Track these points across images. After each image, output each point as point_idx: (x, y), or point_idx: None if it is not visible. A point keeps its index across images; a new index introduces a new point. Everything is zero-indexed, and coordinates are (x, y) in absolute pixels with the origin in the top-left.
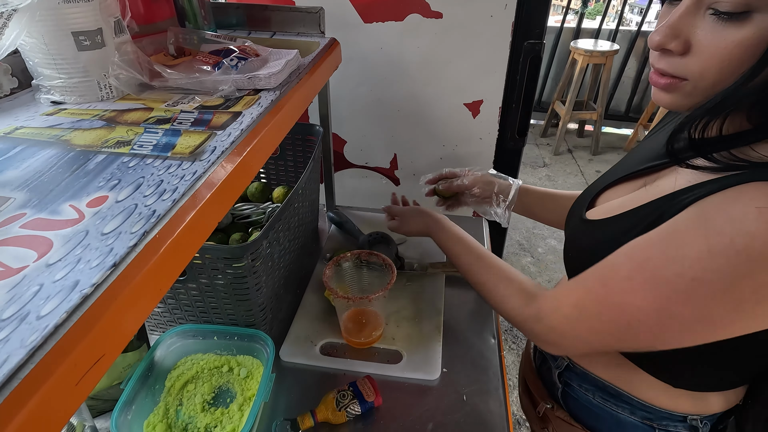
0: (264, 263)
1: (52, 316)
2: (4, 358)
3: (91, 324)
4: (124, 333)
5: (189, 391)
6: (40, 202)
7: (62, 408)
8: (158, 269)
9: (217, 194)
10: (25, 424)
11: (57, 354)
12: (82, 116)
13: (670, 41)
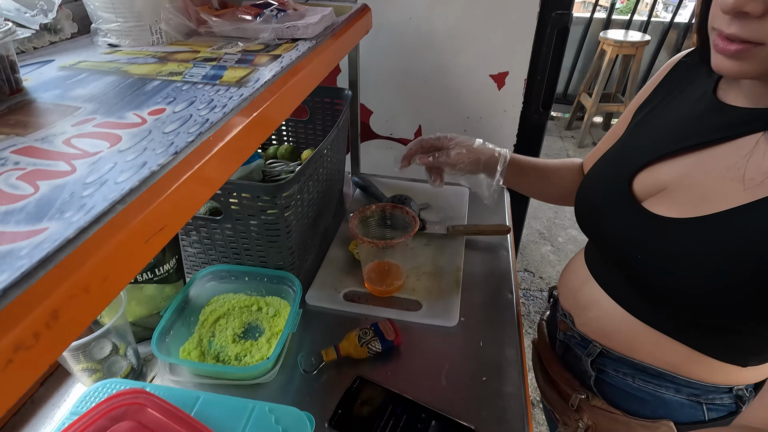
0: (294, 208)
1: (127, 183)
2: (91, 206)
3: (158, 194)
4: (183, 210)
5: (221, 325)
6: (108, 111)
7: (134, 258)
8: (211, 164)
9: (262, 114)
10: (109, 257)
11: (131, 212)
12: (137, 56)
13: (749, 2)
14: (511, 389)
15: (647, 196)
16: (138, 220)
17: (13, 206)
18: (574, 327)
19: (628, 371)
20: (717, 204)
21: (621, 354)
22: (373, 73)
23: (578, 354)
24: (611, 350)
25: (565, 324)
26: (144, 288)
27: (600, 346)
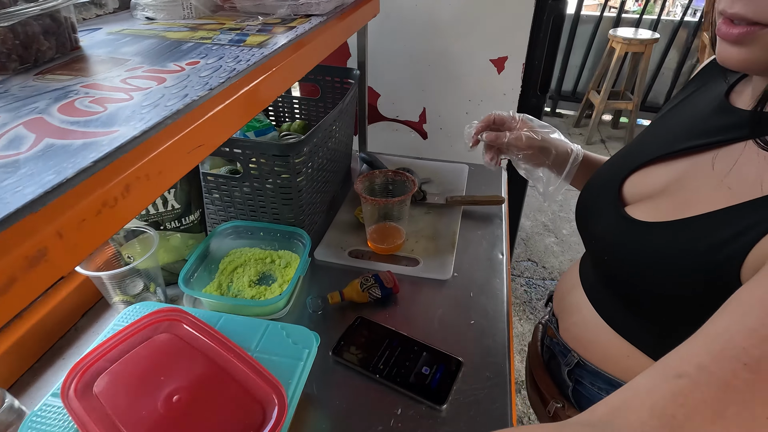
0: (305, 173)
1: (174, 106)
2: (149, 119)
3: (197, 118)
4: (216, 134)
5: (238, 273)
6: (152, 62)
7: (180, 163)
8: (239, 100)
9: (280, 69)
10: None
11: (178, 126)
12: (171, 26)
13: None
14: (496, 331)
15: (636, 199)
16: (183, 134)
17: (91, 117)
18: (558, 333)
19: (602, 386)
20: (694, 210)
21: (596, 367)
22: (381, 57)
23: (559, 362)
24: (587, 362)
25: (551, 329)
26: (171, 238)
27: (577, 356)
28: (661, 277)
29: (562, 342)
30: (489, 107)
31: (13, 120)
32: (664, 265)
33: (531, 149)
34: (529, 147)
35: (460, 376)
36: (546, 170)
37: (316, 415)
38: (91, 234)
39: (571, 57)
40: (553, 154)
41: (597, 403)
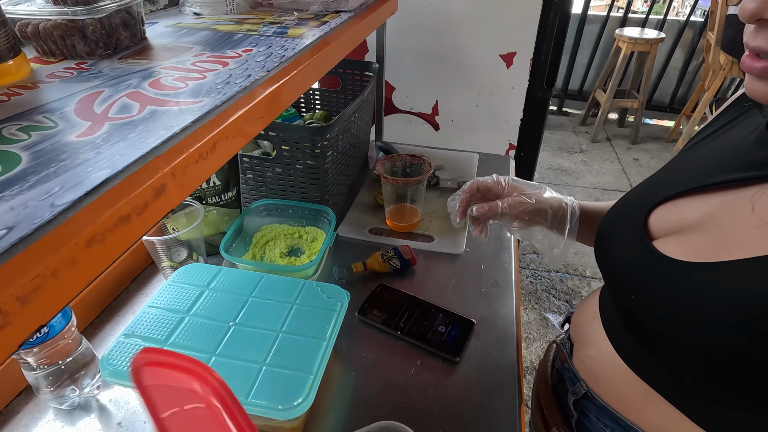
0: (331, 155)
1: (242, 83)
2: (225, 92)
3: (260, 93)
4: (273, 108)
5: (270, 246)
6: (212, 49)
7: (249, 128)
8: (292, 80)
9: (320, 56)
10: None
11: (246, 99)
12: (217, 20)
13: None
14: (504, 297)
15: (664, 233)
16: (250, 106)
17: (178, 91)
18: (570, 360)
19: (608, 423)
20: (736, 251)
21: (604, 403)
22: (397, 52)
23: (567, 388)
24: (596, 396)
25: (563, 354)
26: (209, 214)
27: (586, 387)
28: (696, 323)
29: (573, 370)
30: (498, 99)
31: (116, 93)
32: (701, 310)
33: (526, 215)
34: (524, 213)
35: (473, 334)
36: (543, 229)
37: (346, 366)
38: (192, 177)
39: (578, 56)
40: (550, 215)
41: None
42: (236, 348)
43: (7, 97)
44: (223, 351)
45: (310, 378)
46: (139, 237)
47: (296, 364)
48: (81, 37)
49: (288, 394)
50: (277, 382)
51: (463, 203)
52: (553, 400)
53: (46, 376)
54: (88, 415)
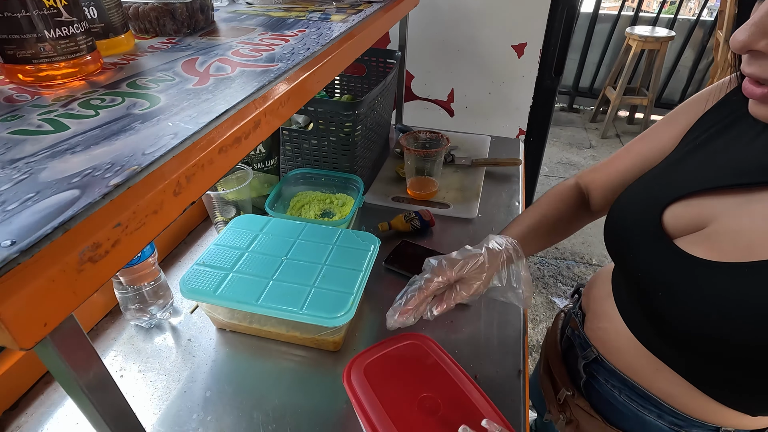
0: (362, 129)
1: (305, 54)
2: (293, 60)
3: (318, 62)
4: (327, 75)
5: (305, 209)
6: (272, 30)
7: (311, 89)
8: (342, 53)
9: (360, 36)
10: (304, 82)
11: (310, 65)
12: (268, 8)
13: (759, 40)
14: None
15: (682, 231)
16: (311, 71)
17: (256, 58)
18: (582, 328)
19: (616, 384)
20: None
21: (615, 367)
22: (417, 43)
23: (577, 353)
24: (607, 361)
25: (575, 322)
26: (253, 180)
27: (597, 352)
28: (724, 322)
29: (584, 336)
30: (509, 87)
31: (209, 59)
32: (731, 310)
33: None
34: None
35: None
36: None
37: (375, 304)
38: (275, 119)
39: (589, 54)
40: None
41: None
42: (289, 275)
43: (126, 61)
44: (279, 277)
45: (351, 297)
46: (246, 153)
47: (339, 287)
48: (171, 18)
49: (334, 307)
50: (324, 299)
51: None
52: (562, 363)
53: (133, 297)
54: (162, 333)
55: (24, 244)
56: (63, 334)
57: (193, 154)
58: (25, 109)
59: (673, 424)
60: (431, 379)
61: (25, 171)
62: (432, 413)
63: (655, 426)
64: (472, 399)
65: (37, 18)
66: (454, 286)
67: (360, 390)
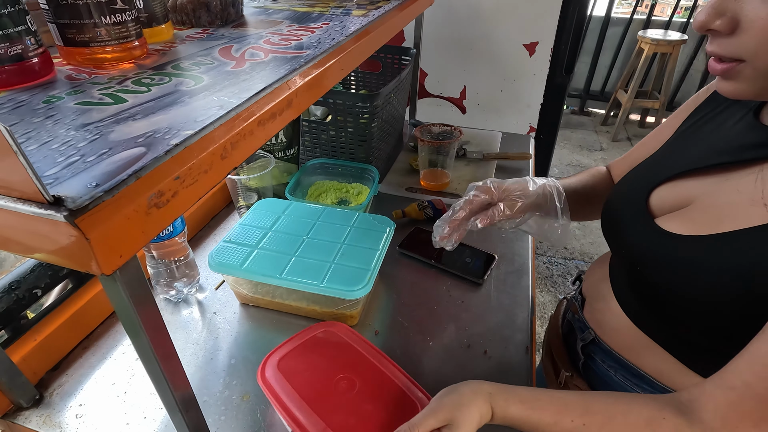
0: (377, 120)
1: (332, 43)
2: (321, 48)
3: (342, 51)
4: (351, 64)
5: (323, 197)
6: (299, 23)
7: (336, 75)
8: (365, 42)
9: (379, 29)
10: (331, 69)
11: (335, 54)
12: (293, 4)
13: (714, 19)
14: (521, 241)
15: (665, 211)
16: (337, 59)
17: (286, 46)
18: (581, 312)
19: (612, 364)
20: (731, 224)
21: (610, 348)
22: (431, 41)
23: (576, 336)
24: (603, 341)
25: (575, 306)
26: (273, 168)
27: (594, 334)
28: (695, 290)
29: (583, 319)
30: (521, 85)
31: (243, 46)
32: (699, 278)
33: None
34: (520, 212)
35: (494, 265)
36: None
37: (390, 285)
38: (305, 99)
39: (601, 57)
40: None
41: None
42: (311, 252)
43: (167, 48)
44: (301, 253)
45: (368, 272)
46: (280, 128)
47: (357, 263)
48: (206, 11)
49: (352, 281)
50: (344, 273)
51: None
52: (562, 346)
53: (163, 271)
54: (189, 306)
55: (106, 186)
56: (129, 271)
57: (237, 123)
58: (85, 85)
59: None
60: (346, 361)
61: (96, 132)
62: (348, 391)
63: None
64: (387, 372)
65: (95, 5)
66: (498, 205)
67: (276, 385)
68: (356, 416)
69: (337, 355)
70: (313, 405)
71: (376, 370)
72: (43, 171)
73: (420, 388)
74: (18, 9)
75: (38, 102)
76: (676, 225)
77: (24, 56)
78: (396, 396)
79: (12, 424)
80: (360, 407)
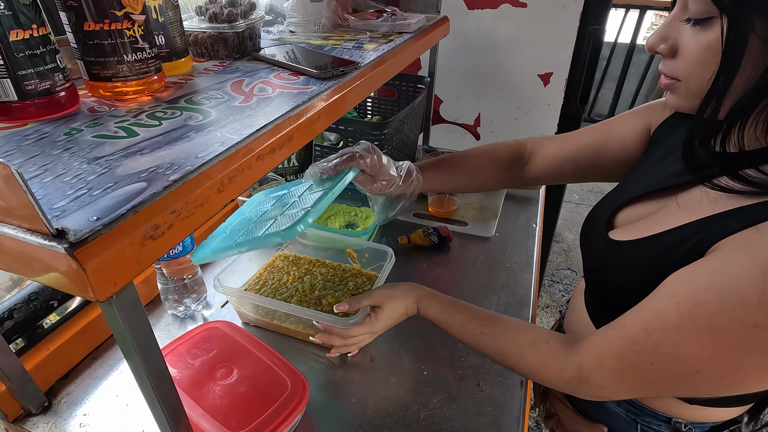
0: (387, 147)
1: (325, 84)
2: (312, 91)
3: (352, 83)
4: (368, 89)
5: (331, 219)
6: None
7: (343, 108)
8: (378, 73)
9: (390, 62)
10: (336, 101)
11: (342, 87)
12: (308, 36)
13: (659, 44)
14: (524, 273)
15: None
16: (344, 92)
17: (294, 81)
18: (562, 324)
19: None
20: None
21: None
22: (446, 70)
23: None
24: None
25: (561, 320)
26: None
27: None
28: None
29: (562, 330)
30: (535, 115)
31: (254, 80)
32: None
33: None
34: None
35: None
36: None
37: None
38: (306, 134)
39: (626, 84)
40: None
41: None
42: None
43: (185, 81)
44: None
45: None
46: (280, 161)
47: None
48: (224, 45)
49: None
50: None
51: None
52: None
53: (172, 288)
54: (195, 323)
55: (106, 220)
56: (125, 296)
57: (236, 159)
58: (104, 118)
59: (630, 411)
60: (228, 353)
61: (105, 166)
62: (225, 379)
63: (614, 413)
64: (264, 359)
65: (119, 45)
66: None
67: None
68: (230, 398)
69: (220, 350)
70: (191, 393)
71: (254, 357)
72: (53, 203)
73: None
74: (49, 49)
75: (60, 134)
76: (622, 234)
77: (52, 91)
78: (269, 377)
79: (21, 429)
80: (234, 390)
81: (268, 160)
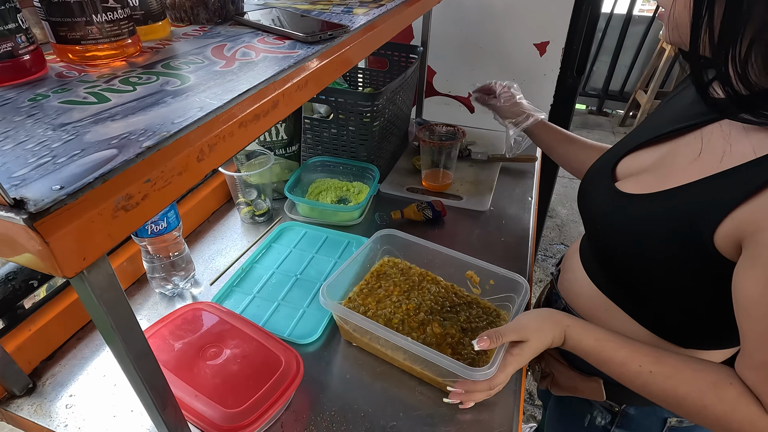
0: (379, 120)
1: (313, 49)
2: (314, 48)
3: (342, 48)
4: (353, 59)
5: (323, 195)
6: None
7: (334, 73)
8: (364, 42)
9: (380, 27)
10: (324, 66)
11: (333, 51)
12: (295, 1)
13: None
14: (521, 244)
15: (626, 176)
16: (331, 59)
17: (279, 45)
18: (556, 285)
19: None
20: (672, 182)
21: (577, 313)
22: (440, 39)
23: (552, 308)
24: (572, 309)
25: (553, 281)
26: (274, 166)
27: (564, 303)
28: (641, 242)
29: (557, 291)
30: (531, 85)
31: (236, 45)
32: (643, 231)
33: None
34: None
35: None
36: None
37: None
38: (292, 101)
39: (621, 57)
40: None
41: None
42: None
43: (162, 46)
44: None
45: None
46: (264, 129)
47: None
48: (204, 8)
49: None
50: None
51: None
52: None
53: (158, 266)
54: (184, 301)
55: (70, 189)
56: (98, 272)
57: (216, 125)
58: (73, 83)
59: None
60: (217, 333)
61: (72, 133)
62: (216, 358)
63: None
64: (255, 338)
65: (87, 3)
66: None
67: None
68: (222, 377)
69: (207, 330)
70: (181, 374)
71: (244, 336)
72: (13, 171)
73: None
74: (8, 7)
75: (24, 100)
76: (630, 186)
77: (14, 53)
78: (262, 354)
79: (5, 412)
80: (226, 370)
81: (252, 128)
